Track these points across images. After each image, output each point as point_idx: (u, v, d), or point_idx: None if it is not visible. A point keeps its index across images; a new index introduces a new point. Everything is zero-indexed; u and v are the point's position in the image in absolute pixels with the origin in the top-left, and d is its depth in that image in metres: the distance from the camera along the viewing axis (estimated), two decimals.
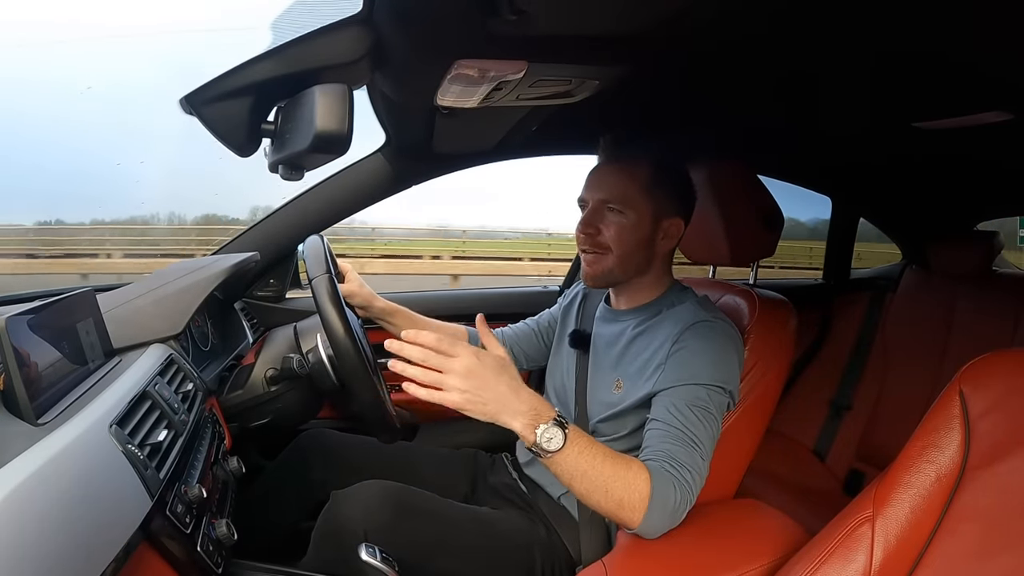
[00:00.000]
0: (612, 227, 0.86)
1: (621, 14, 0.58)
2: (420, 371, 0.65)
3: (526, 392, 0.68)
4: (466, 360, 0.65)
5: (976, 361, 0.61)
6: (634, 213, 0.85)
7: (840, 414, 1.61)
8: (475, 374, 0.65)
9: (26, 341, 0.57)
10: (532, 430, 0.66)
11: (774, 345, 0.92)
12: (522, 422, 0.67)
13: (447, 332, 1.11)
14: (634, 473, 0.70)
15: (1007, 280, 1.58)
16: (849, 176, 1.64)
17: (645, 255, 0.88)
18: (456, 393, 0.65)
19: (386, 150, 1.21)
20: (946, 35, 0.66)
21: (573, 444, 0.67)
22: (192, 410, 0.80)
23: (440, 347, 0.65)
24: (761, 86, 0.90)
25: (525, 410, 0.67)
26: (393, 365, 0.66)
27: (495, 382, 0.66)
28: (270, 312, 1.35)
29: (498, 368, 0.67)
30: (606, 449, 0.71)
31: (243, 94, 0.59)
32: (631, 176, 0.85)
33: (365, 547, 0.74)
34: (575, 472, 0.68)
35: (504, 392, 0.66)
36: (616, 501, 0.69)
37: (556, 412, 0.69)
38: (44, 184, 11.53)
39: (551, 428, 0.67)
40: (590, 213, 0.87)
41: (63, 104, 12.59)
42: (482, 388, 0.65)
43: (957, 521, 0.56)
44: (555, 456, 0.67)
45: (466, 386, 0.65)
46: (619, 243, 0.86)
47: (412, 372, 0.65)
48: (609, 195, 0.86)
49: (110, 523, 0.53)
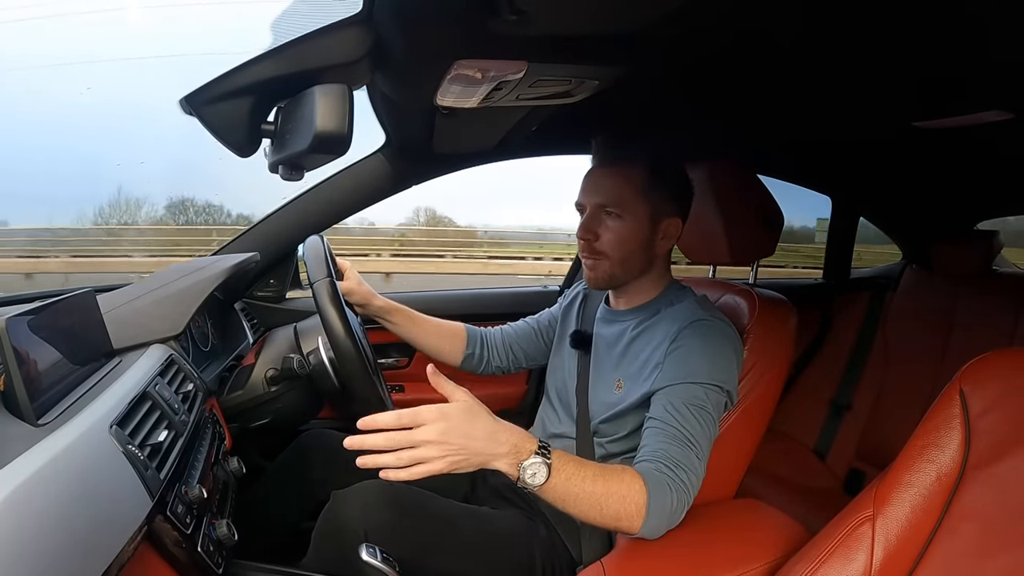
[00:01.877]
0: (610, 231, 0.85)
1: (621, 14, 0.58)
2: (393, 456, 0.61)
3: (503, 431, 0.65)
4: (433, 425, 0.62)
5: (976, 360, 0.61)
6: (632, 216, 0.84)
7: (840, 413, 1.61)
8: (448, 432, 0.62)
9: (26, 341, 0.57)
10: (516, 468, 0.65)
11: (774, 345, 0.92)
12: (506, 463, 0.65)
13: (446, 331, 1.11)
14: (627, 485, 0.69)
15: (1007, 280, 1.58)
16: (849, 176, 1.64)
17: (645, 257, 0.87)
18: (437, 462, 0.62)
19: (386, 150, 1.21)
20: (946, 35, 0.66)
21: (559, 472, 0.66)
22: (192, 410, 0.80)
23: (402, 423, 0.62)
24: (761, 86, 0.90)
25: (507, 451, 0.65)
26: (363, 462, 0.61)
27: (470, 432, 0.63)
28: (270, 312, 1.35)
29: (469, 416, 0.64)
30: (595, 467, 0.70)
31: (243, 94, 0.59)
32: (627, 179, 0.84)
33: (365, 547, 0.74)
34: (566, 497, 0.68)
35: (481, 441, 0.64)
36: (612, 516, 0.69)
37: (537, 443, 0.67)
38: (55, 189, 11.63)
39: (533, 463, 0.65)
40: (588, 218, 0.87)
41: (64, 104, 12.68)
42: (460, 444, 0.62)
43: (957, 520, 0.56)
44: (542, 487, 0.66)
45: (444, 450, 0.62)
46: (618, 247, 0.85)
47: (384, 460, 0.61)
48: (606, 199, 0.85)
49: (110, 523, 0.53)
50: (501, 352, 1.11)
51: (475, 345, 1.11)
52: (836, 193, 1.77)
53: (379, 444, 0.61)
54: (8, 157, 10.46)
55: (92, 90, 10.21)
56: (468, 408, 0.64)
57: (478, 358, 1.11)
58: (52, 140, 12.63)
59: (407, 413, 0.62)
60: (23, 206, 10.51)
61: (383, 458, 0.61)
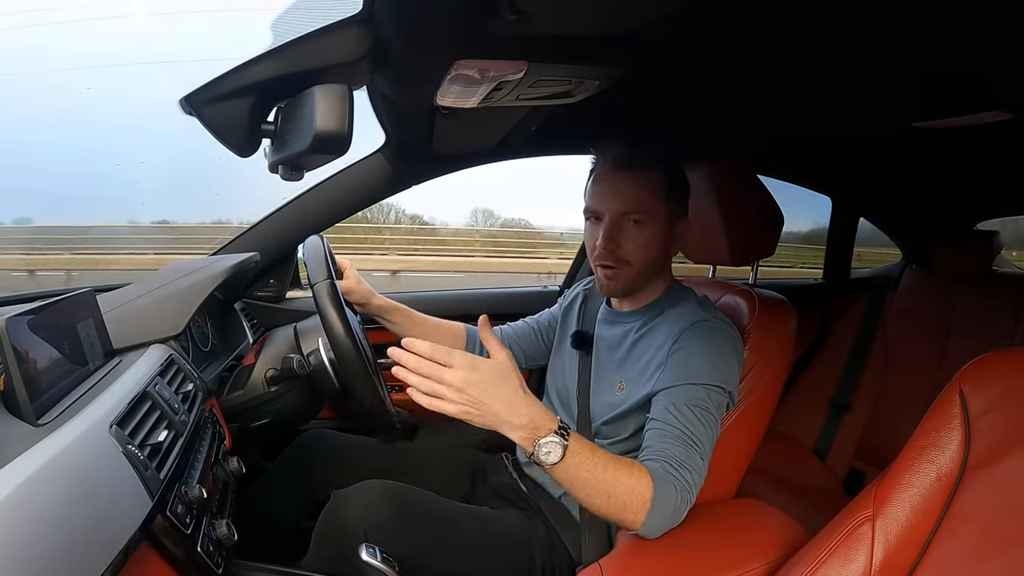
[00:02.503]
0: (635, 239, 0.84)
1: (621, 14, 0.58)
2: (419, 379, 0.64)
3: (525, 404, 0.66)
4: (460, 371, 0.64)
5: (976, 361, 0.61)
6: (654, 223, 0.84)
7: (840, 414, 1.61)
8: (471, 383, 0.64)
9: (26, 341, 0.57)
10: (531, 443, 0.66)
11: (774, 345, 0.92)
12: (520, 435, 0.66)
13: (446, 331, 1.11)
14: (636, 477, 0.70)
15: (1007, 280, 1.58)
16: (849, 176, 1.64)
17: (661, 262, 0.88)
18: (451, 406, 0.64)
19: (386, 150, 1.21)
20: (946, 36, 0.66)
21: (574, 455, 0.67)
22: (192, 410, 0.80)
23: (434, 356, 0.64)
24: (761, 86, 0.90)
25: (523, 423, 0.66)
26: (396, 372, 0.65)
27: (493, 393, 0.65)
28: (270, 312, 1.35)
29: (496, 378, 0.65)
30: (607, 455, 0.70)
31: (243, 94, 0.59)
32: (647, 184, 0.84)
33: (365, 547, 0.74)
34: (576, 480, 0.68)
35: (501, 404, 0.65)
36: (619, 506, 0.69)
37: (557, 423, 0.67)
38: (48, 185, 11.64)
39: (550, 441, 0.66)
40: (610, 226, 0.85)
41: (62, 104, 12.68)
42: (479, 399, 0.64)
43: (957, 521, 0.56)
44: (554, 467, 0.67)
45: (461, 397, 0.64)
46: (642, 254, 0.85)
47: (412, 380, 0.64)
48: (629, 206, 0.84)
49: (110, 523, 0.53)
50: None
51: (475, 345, 1.11)
52: (836, 193, 1.77)
53: (408, 363, 0.64)
54: (36, 156, 10.50)
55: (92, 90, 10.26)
56: (500, 370, 0.66)
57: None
58: (71, 137, 12.67)
59: (442, 352, 0.64)
60: (48, 203, 10.58)
61: (412, 377, 0.64)
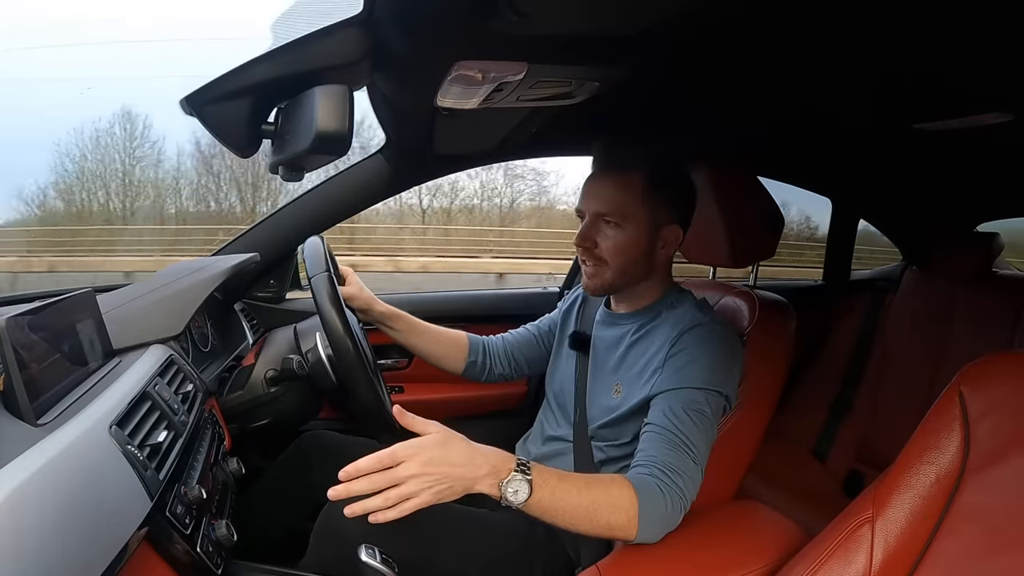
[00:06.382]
0: (609, 240, 0.84)
1: (621, 15, 0.58)
2: (380, 497, 0.61)
3: (479, 454, 0.66)
4: (414, 459, 0.62)
5: (976, 362, 0.61)
6: (632, 225, 0.83)
7: (840, 415, 1.61)
8: (426, 462, 0.62)
9: (26, 341, 0.57)
10: (497, 488, 0.65)
11: (774, 347, 0.92)
12: (487, 483, 0.65)
13: (448, 339, 1.11)
14: (616, 494, 0.69)
15: (1007, 281, 1.58)
16: (849, 177, 1.64)
17: (644, 265, 0.86)
18: (423, 494, 0.62)
19: (386, 151, 1.21)
20: (946, 37, 0.66)
21: (541, 488, 0.66)
22: (192, 411, 0.80)
23: (382, 463, 0.62)
24: (762, 87, 0.90)
25: (487, 471, 0.65)
26: (350, 511, 0.62)
27: (449, 459, 0.63)
28: (270, 313, 1.35)
29: (444, 445, 0.64)
30: (578, 478, 0.70)
31: (244, 95, 0.59)
32: (626, 186, 0.83)
33: (364, 548, 0.74)
34: (553, 512, 0.67)
35: (462, 464, 0.64)
36: (603, 526, 0.69)
37: (515, 461, 0.67)
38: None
39: (513, 480, 0.65)
40: (587, 227, 0.85)
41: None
42: (440, 472, 0.62)
43: (957, 522, 0.56)
44: (527, 504, 0.66)
45: (428, 481, 0.62)
46: (617, 256, 0.84)
47: (372, 503, 0.61)
48: (604, 208, 0.83)
49: (110, 524, 0.53)
50: (503, 360, 1.11)
51: (477, 353, 1.11)
52: (836, 194, 1.77)
53: (364, 489, 0.61)
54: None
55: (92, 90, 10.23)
56: (443, 438, 0.65)
57: (480, 366, 1.10)
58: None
59: (385, 454, 0.62)
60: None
61: (371, 502, 0.61)
